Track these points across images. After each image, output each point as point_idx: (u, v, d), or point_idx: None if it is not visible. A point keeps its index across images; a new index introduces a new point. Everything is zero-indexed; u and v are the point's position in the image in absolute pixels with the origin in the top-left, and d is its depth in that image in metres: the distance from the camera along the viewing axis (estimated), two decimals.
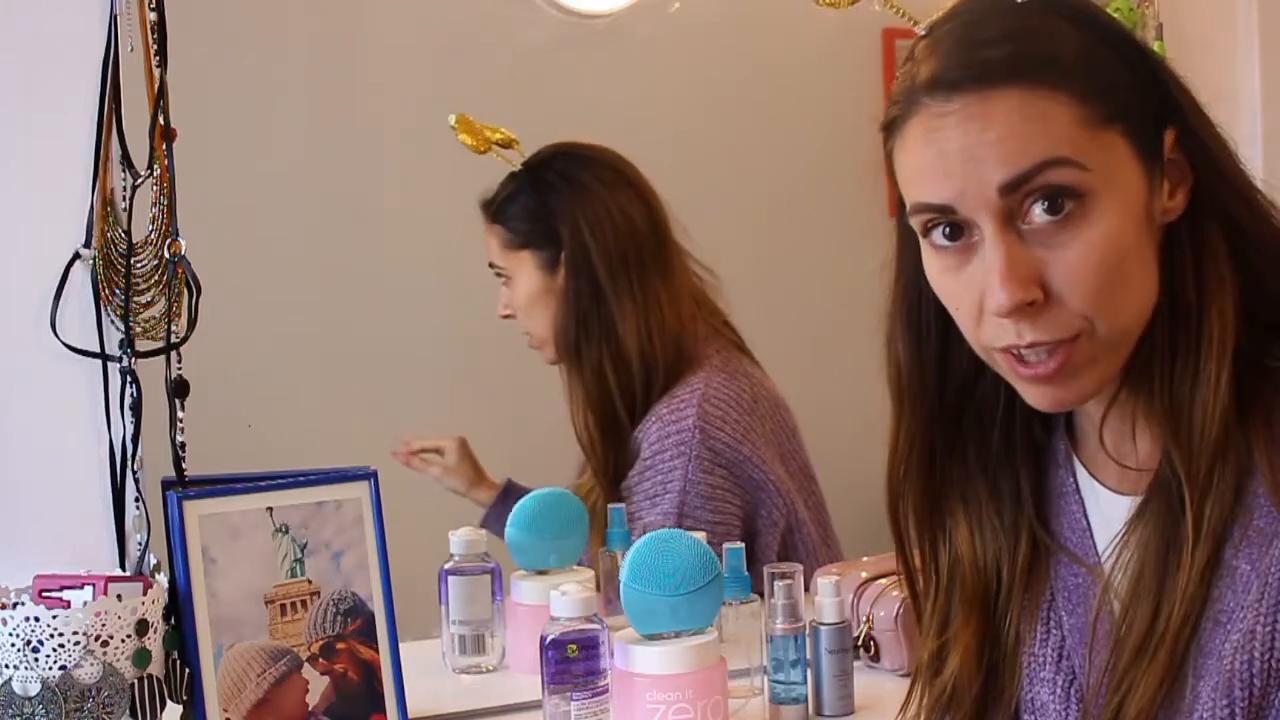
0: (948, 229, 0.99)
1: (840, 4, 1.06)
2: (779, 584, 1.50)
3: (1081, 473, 1.10)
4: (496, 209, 2.07)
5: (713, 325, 2.03)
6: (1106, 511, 1.08)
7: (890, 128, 1.01)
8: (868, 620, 1.66)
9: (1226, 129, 1.05)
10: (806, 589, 1.56)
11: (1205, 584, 0.98)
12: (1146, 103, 1.00)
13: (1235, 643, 0.96)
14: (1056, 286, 0.96)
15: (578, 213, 2.00)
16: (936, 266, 1.01)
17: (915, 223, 1.01)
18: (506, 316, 2.10)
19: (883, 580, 1.68)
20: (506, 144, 2.05)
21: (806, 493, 2.01)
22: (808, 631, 1.52)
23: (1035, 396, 1.01)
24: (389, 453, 1.97)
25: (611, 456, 1.96)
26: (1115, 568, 1.04)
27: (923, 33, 1.01)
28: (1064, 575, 1.10)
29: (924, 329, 1.08)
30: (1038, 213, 0.96)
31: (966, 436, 1.11)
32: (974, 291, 0.99)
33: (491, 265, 2.09)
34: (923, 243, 1.02)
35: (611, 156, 2.05)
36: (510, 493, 1.93)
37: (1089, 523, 1.09)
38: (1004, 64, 0.97)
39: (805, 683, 1.52)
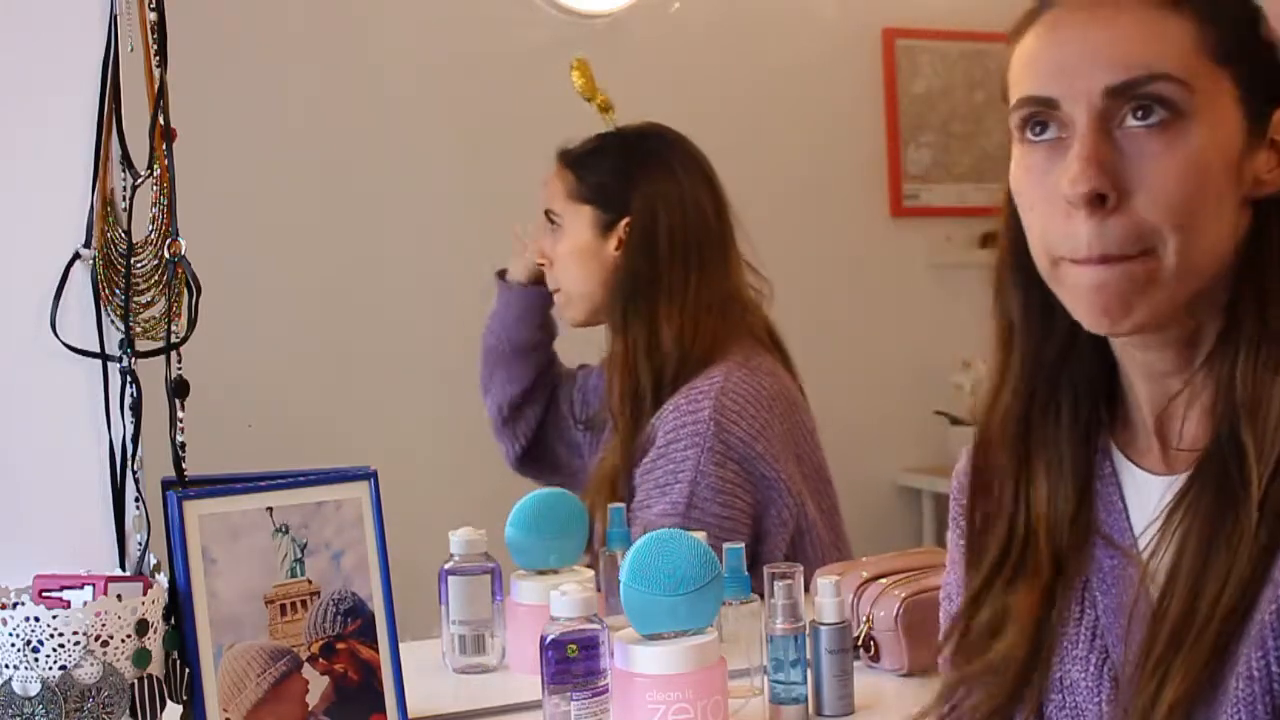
0: (1040, 126, 1.02)
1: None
2: (779, 584, 1.50)
3: (1117, 455, 1.11)
4: (576, 157, 2.09)
5: (747, 325, 2.03)
6: (1144, 493, 1.08)
7: (1017, 30, 1.05)
8: (868, 620, 1.66)
9: None
10: (809, 589, 1.56)
11: (1264, 567, 0.97)
12: (1265, 71, 1.02)
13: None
14: (1134, 189, 0.98)
15: (656, 190, 2.02)
16: (1022, 167, 1.04)
17: (1014, 119, 1.04)
18: (540, 264, 2.13)
19: (883, 580, 1.68)
20: (605, 108, 2.09)
21: (820, 494, 2.00)
22: (808, 631, 1.52)
23: (1087, 310, 1.01)
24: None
25: (634, 430, 1.97)
26: (1154, 550, 1.03)
27: None
28: (1099, 557, 1.10)
29: (1031, 281, 1.08)
30: (1133, 120, 0.99)
31: (1061, 399, 1.11)
32: (1052, 189, 1.01)
33: (548, 213, 2.10)
34: (1014, 148, 1.05)
35: (695, 148, 2.08)
36: None
37: (1125, 505, 1.09)
38: None
39: (805, 683, 1.52)
